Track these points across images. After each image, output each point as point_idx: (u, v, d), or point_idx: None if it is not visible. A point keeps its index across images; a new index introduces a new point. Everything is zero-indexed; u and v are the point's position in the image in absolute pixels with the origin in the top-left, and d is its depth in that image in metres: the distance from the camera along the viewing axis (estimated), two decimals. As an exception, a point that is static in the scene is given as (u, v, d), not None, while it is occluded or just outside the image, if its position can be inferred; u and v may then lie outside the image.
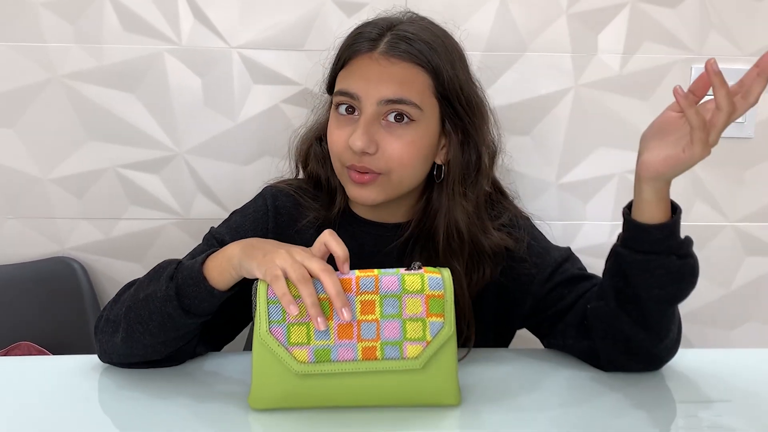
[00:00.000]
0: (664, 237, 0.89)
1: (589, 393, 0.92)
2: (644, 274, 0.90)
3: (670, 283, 0.90)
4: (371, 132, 0.98)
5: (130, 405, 0.87)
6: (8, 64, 1.38)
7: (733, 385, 0.95)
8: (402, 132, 0.99)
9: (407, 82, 0.99)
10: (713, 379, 0.97)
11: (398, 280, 0.84)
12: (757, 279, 1.52)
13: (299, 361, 0.82)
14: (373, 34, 1.02)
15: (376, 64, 0.99)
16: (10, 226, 1.45)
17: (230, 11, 1.39)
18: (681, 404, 0.91)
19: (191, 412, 0.86)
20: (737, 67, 1.43)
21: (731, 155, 1.47)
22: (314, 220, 1.09)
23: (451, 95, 1.02)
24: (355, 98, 0.99)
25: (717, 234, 1.50)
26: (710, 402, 0.91)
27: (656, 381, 0.96)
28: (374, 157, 0.99)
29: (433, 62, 1.00)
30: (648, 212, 0.90)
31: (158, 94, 1.41)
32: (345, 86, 1.01)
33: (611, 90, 1.44)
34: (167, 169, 1.44)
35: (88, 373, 0.96)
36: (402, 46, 0.99)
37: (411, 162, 1.00)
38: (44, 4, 1.36)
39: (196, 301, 0.89)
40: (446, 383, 0.85)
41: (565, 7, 1.40)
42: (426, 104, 1.00)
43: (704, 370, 0.99)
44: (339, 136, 1.01)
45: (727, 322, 1.54)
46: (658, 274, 0.90)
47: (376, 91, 0.98)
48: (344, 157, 1.01)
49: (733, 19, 1.41)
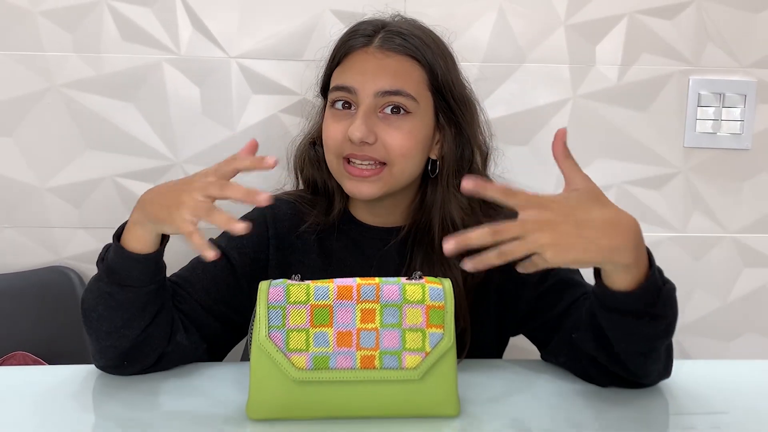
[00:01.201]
0: (634, 300, 0.82)
1: (585, 405, 0.92)
2: (615, 330, 0.86)
3: (641, 340, 0.86)
4: (370, 123, 1.00)
5: (127, 415, 0.87)
6: (7, 73, 1.39)
7: (731, 397, 0.94)
8: (400, 123, 1.01)
9: (403, 75, 1.02)
10: (711, 391, 0.96)
11: (399, 289, 0.84)
12: (755, 290, 1.52)
13: (297, 367, 0.82)
14: (367, 31, 1.05)
15: (371, 57, 1.02)
16: (6, 235, 1.45)
17: (229, 21, 1.39)
18: (678, 416, 0.90)
19: (189, 423, 0.86)
20: (735, 78, 1.44)
21: (729, 167, 1.47)
22: (314, 225, 1.10)
23: (444, 89, 1.05)
24: (351, 92, 1.02)
25: (715, 245, 1.50)
26: (708, 414, 0.91)
27: (653, 394, 0.96)
28: (373, 147, 1.01)
29: (427, 56, 1.03)
30: (614, 282, 0.82)
31: (157, 104, 1.41)
32: (341, 81, 1.03)
33: (609, 101, 1.44)
34: (165, 179, 1.44)
35: (84, 383, 0.96)
36: (397, 41, 1.03)
37: (410, 152, 1.02)
38: (43, 13, 1.37)
39: (125, 272, 0.90)
40: (445, 394, 0.85)
41: (563, 18, 1.41)
42: (421, 97, 1.03)
43: (702, 382, 0.99)
44: (335, 129, 1.03)
45: (725, 333, 1.54)
46: (628, 332, 0.85)
47: (373, 84, 1.01)
48: (341, 149, 1.02)
49: (730, 30, 1.43)
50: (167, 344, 0.96)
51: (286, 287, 0.84)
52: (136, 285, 0.91)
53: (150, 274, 0.92)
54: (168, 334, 0.96)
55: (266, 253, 1.10)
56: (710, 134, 1.46)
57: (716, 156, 1.48)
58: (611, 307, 0.84)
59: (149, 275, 0.92)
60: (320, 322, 0.83)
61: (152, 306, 0.93)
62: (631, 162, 1.47)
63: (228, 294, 1.06)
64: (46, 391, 0.93)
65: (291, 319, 0.83)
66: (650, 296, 0.83)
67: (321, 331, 0.82)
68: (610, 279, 0.83)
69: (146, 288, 0.92)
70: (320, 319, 0.83)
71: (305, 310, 0.83)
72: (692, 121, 1.45)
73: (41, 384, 0.96)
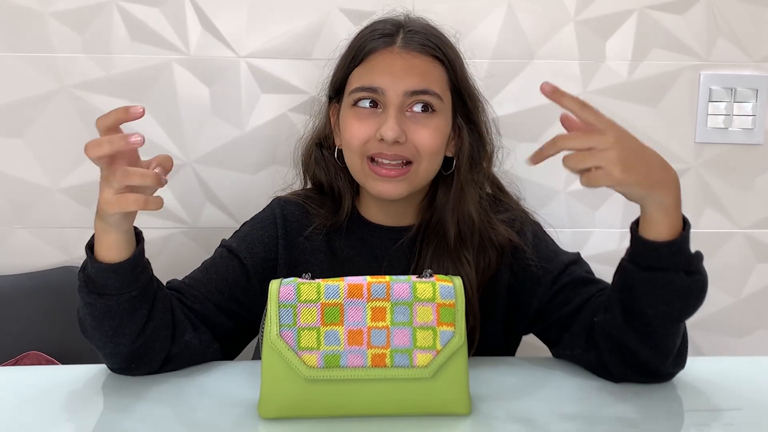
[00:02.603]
0: (672, 254, 0.87)
1: (598, 403, 0.92)
2: (651, 290, 0.88)
3: (677, 299, 0.88)
4: (401, 122, 1.02)
5: (138, 414, 0.88)
6: (17, 75, 1.40)
7: (744, 394, 0.94)
8: (427, 121, 1.03)
9: (429, 74, 1.04)
10: (724, 388, 0.96)
11: (410, 287, 0.84)
12: (767, 287, 1.52)
13: (308, 365, 0.82)
14: (387, 30, 1.06)
15: (398, 57, 1.03)
16: (18, 235, 1.46)
17: (238, 21, 1.40)
18: (691, 413, 0.90)
19: (201, 422, 0.86)
20: (746, 73, 1.43)
21: (741, 162, 1.47)
22: (322, 226, 1.11)
23: (462, 88, 1.07)
24: (379, 92, 1.03)
25: (727, 241, 1.49)
26: (721, 410, 0.91)
27: (666, 390, 0.96)
28: (404, 146, 1.02)
29: (449, 56, 1.06)
30: (653, 229, 0.87)
31: (166, 104, 1.42)
32: (368, 81, 1.04)
33: (619, 97, 1.44)
34: (175, 178, 1.45)
35: (96, 382, 0.96)
36: (419, 40, 1.05)
37: (438, 149, 1.05)
38: (53, 15, 1.38)
39: (101, 282, 0.89)
40: (456, 392, 0.85)
41: (572, 14, 1.41)
42: (445, 95, 1.05)
43: (714, 379, 0.99)
44: (360, 129, 1.03)
45: (737, 329, 1.53)
46: (664, 291, 0.88)
47: (402, 83, 1.02)
48: (366, 148, 1.03)
49: (740, 25, 1.42)
50: (172, 345, 0.96)
51: (297, 286, 0.84)
52: (115, 293, 0.90)
53: (127, 281, 0.90)
54: (170, 336, 0.96)
55: (275, 252, 1.10)
56: (722, 129, 1.45)
57: (728, 151, 1.47)
58: (648, 266, 0.87)
59: (126, 282, 0.90)
60: (331, 320, 0.83)
61: (141, 311, 0.92)
62: (641, 158, 1.47)
63: (240, 293, 1.07)
64: (59, 390, 0.94)
65: (302, 318, 0.83)
66: (686, 249, 0.87)
67: (332, 330, 0.83)
68: (649, 225, 0.87)
69: (126, 295, 0.90)
70: (331, 318, 0.83)
71: (316, 308, 0.83)
72: (703, 117, 1.44)
73: (54, 383, 0.97)
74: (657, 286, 0.88)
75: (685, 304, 0.89)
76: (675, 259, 0.87)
